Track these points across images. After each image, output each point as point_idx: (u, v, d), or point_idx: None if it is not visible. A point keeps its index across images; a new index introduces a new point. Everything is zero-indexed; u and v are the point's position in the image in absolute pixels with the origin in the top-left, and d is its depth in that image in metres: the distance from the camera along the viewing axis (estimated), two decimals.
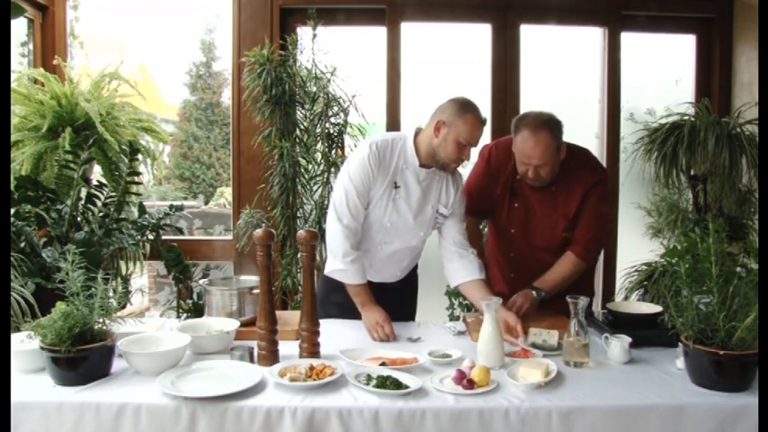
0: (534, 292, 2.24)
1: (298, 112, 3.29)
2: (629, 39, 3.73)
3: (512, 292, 2.31)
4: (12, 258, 2.19)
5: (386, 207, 2.24)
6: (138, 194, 3.00)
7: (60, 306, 1.68)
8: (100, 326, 1.71)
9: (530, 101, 3.64)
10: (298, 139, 3.27)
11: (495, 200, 2.41)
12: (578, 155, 2.36)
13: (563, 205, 2.32)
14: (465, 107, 2.17)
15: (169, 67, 11.36)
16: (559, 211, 2.33)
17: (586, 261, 2.34)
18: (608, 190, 2.38)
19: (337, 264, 2.19)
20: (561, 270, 2.30)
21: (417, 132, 2.27)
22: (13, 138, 2.91)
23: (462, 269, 2.25)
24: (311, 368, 1.69)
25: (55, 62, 3.30)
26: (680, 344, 1.72)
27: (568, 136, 2.30)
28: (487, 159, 2.44)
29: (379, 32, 3.66)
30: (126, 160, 2.87)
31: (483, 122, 2.18)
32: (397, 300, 2.35)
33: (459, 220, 2.34)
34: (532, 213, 2.37)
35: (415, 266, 2.52)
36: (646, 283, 3.19)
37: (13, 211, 2.45)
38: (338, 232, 2.19)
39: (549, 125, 2.19)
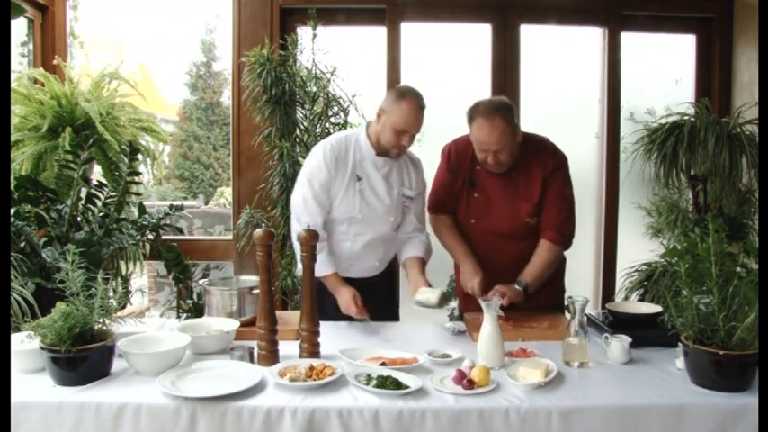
0: (516, 285, 2.26)
1: (298, 112, 3.29)
2: (629, 39, 3.73)
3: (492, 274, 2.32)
4: (12, 258, 2.19)
5: (353, 199, 2.32)
6: (138, 194, 3.00)
7: (60, 306, 1.68)
8: (100, 326, 1.71)
9: (530, 101, 3.64)
10: (298, 139, 3.27)
11: (455, 194, 2.43)
12: (536, 142, 2.39)
13: (525, 190, 2.35)
14: (401, 94, 2.26)
15: (169, 67, 11.36)
16: (521, 196, 2.35)
17: (562, 245, 2.36)
18: (569, 174, 2.41)
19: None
20: (539, 259, 2.32)
21: (369, 124, 2.36)
22: (13, 138, 2.91)
23: (412, 247, 2.41)
24: (311, 368, 1.69)
25: (55, 62, 3.30)
26: (680, 344, 1.72)
27: (568, 135, 2.31)
28: (448, 156, 2.46)
29: (379, 32, 3.65)
30: (126, 160, 2.87)
31: (420, 108, 2.25)
32: (377, 296, 2.39)
33: (421, 202, 2.47)
34: (493, 201, 2.38)
35: (394, 262, 2.55)
36: (646, 283, 3.19)
37: (13, 211, 2.45)
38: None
39: (501, 110, 2.22)
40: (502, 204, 2.37)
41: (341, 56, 3.32)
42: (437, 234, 2.49)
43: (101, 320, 1.71)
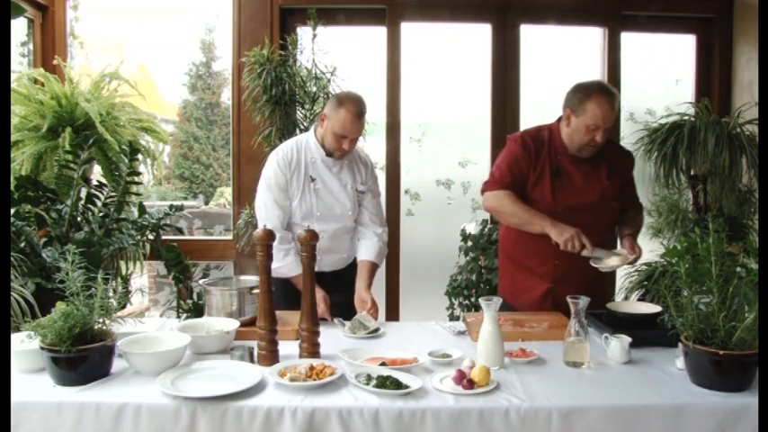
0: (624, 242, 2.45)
1: (298, 112, 3.29)
2: (629, 39, 3.73)
3: (556, 284, 2.34)
4: (12, 258, 2.19)
5: (310, 199, 2.45)
6: (138, 194, 3.00)
7: (60, 306, 1.68)
8: (100, 326, 1.71)
9: (530, 101, 3.64)
10: None
11: (532, 184, 2.43)
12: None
13: (607, 177, 2.44)
14: (340, 101, 2.37)
15: (169, 67, 11.35)
16: (604, 181, 2.44)
17: (641, 210, 2.64)
18: None
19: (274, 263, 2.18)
20: (636, 217, 2.54)
21: (316, 127, 2.50)
22: (13, 138, 2.91)
23: (365, 249, 2.52)
24: (311, 368, 1.69)
25: (55, 62, 3.30)
26: (680, 344, 1.72)
27: None
28: (523, 143, 2.46)
29: (379, 32, 3.66)
30: (126, 160, 2.87)
31: (358, 116, 2.36)
32: (350, 289, 2.47)
33: (374, 196, 2.60)
34: (579, 188, 2.42)
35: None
36: (646, 283, 3.20)
37: (13, 211, 2.45)
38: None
39: (612, 89, 2.38)
40: (588, 190, 2.43)
41: (341, 56, 3.32)
42: (500, 206, 2.43)
43: (101, 320, 1.71)
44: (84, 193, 2.78)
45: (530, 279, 2.45)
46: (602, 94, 2.32)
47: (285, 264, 2.39)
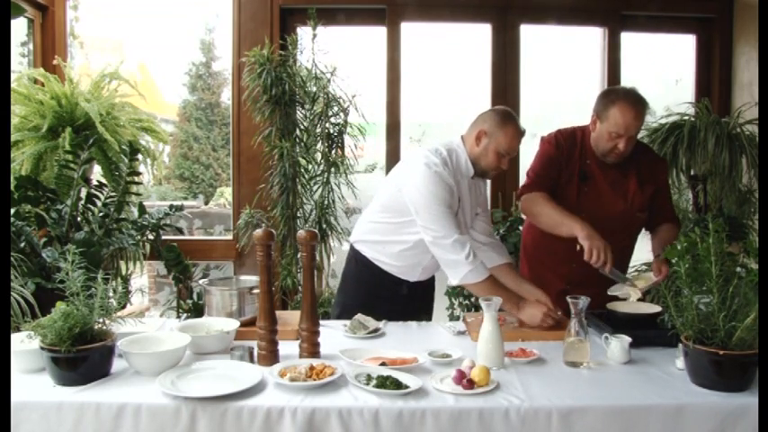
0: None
1: (298, 112, 3.29)
2: (629, 39, 3.73)
3: (571, 286, 2.30)
4: (12, 258, 2.19)
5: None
6: (138, 194, 3.00)
7: (60, 306, 1.68)
8: (100, 326, 1.71)
9: (530, 101, 3.64)
10: (298, 139, 3.27)
11: (562, 185, 2.41)
12: (639, 140, 2.46)
13: (635, 185, 2.39)
14: (506, 118, 2.23)
15: (169, 67, 11.34)
16: (632, 190, 2.39)
17: (679, 228, 2.51)
18: None
19: (463, 268, 2.13)
20: (668, 236, 2.36)
21: (463, 143, 2.30)
22: (13, 138, 2.91)
23: (496, 254, 2.39)
24: (311, 368, 1.69)
25: (55, 62, 3.30)
26: (680, 344, 1.72)
27: None
28: (556, 144, 2.43)
29: (379, 32, 3.66)
30: (126, 160, 2.87)
31: (522, 133, 2.25)
32: (429, 294, 2.52)
33: (486, 212, 2.48)
34: (604, 196, 2.39)
35: None
36: None
37: (13, 211, 2.45)
38: (456, 241, 2.14)
39: (640, 96, 2.32)
40: (614, 199, 2.39)
41: (341, 56, 3.32)
42: (535, 208, 2.39)
43: (101, 320, 1.71)
44: (84, 193, 2.79)
45: (546, 278, 2.44)
46: (627, 102, 2.26)
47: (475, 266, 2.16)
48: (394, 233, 2.32)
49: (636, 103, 2.27)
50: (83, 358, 1.63)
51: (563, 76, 3.79)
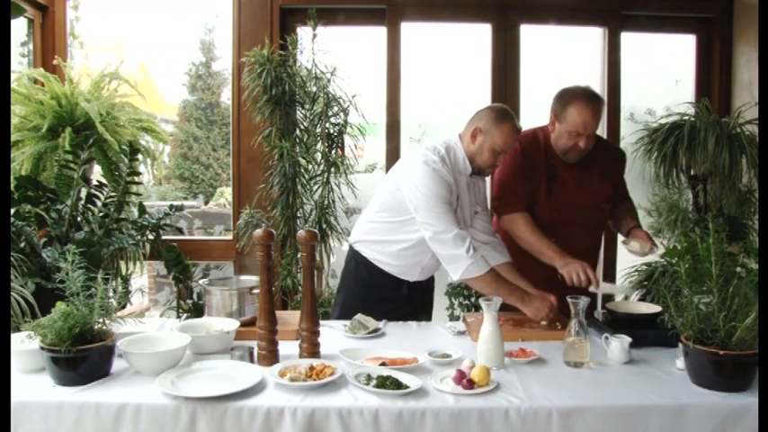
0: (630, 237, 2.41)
1: (298, 112, 3.28)
2: (629, 39, 3.73)
3: (552, 287, 2.29)
4: (12, 258, 2.19)
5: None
6: (138, 194, 3.00)
7: (60, 306, 1.68)
8: (100, 326, 1.71)
9: (530, 101, 3.64)
10: (298, 139, 3.27)
11: (531, 188, 2.44)
12: (598, 136, 2.51)
13: (599, 179, 2.47)
14: (501, 116, 2.23)
15: (169, 67, 11.34)
16: (597, 184, 2.46)
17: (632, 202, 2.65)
18: None
19: (464, 262, 2.13)
20: (632, 209, 2.56)
21: (460, 141, 2.31)
22: (13, 138, 2.91)
23: (497, 253, 2.39)
24: (311, 368, 1.69)
25: (55, 62, 3.30)
26: (680, 344, 1.72)
27: None
28: (522, 152, 2.45)
29: (379, 32, 3.65)
30: (126, 160, 2.87)
31: (518, 131, 2.27)
32: (429, 294, 2.55)
33: (486, 211, 2.50)
34: (573, 193, 2.44)
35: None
36: (646, 283, 3.19)
37: (13, 211, 2.45)
38: (456, 236, 2.14)
39: (596, 95, 2.36)
40: (581, 193, 2.45)
41: (341, 56, 3.32)
42: (516, 231, 2.41)
43: (101, 320, 1.71)
44: (84, 193, 2.78)
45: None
46: (583, 101, 2.29)
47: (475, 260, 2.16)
48: (393, 232, 2.33)
49: (592, 101, 2.31)
50: (83, 358, 1.63)
51: (563, 76, 3.78)
